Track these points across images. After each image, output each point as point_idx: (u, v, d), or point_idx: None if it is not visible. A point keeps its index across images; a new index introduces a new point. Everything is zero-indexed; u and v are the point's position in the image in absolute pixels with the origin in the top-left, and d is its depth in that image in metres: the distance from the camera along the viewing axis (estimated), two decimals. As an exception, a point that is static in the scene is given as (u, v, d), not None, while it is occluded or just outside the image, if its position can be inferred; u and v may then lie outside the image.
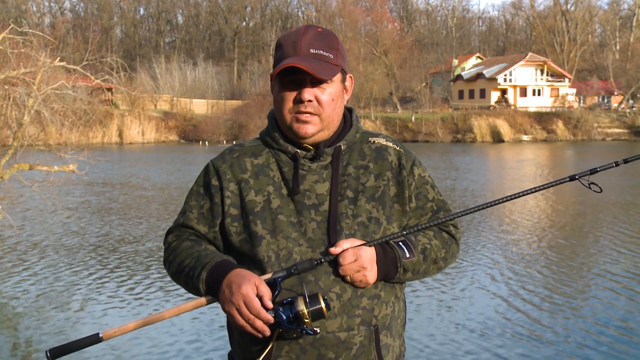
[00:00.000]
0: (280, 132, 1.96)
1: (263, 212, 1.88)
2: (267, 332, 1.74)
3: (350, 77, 2.00)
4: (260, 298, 1.74)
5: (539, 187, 1.90)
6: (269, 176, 1.92)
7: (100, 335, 1.80)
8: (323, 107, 1.88)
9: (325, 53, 1.88)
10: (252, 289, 1.74)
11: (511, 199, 1.89)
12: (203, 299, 1.85)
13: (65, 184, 14.93)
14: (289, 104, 1.89)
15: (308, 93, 1.86)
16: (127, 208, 16.72)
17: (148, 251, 11.36)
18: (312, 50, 1.86)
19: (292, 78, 1.87)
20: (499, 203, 1.89)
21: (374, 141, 2.00)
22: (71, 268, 10.02)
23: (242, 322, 1.75)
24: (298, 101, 1.87)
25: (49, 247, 11.61)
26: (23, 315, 7.80)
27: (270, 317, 1.72)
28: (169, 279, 8.42)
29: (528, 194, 1.89)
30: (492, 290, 8.70)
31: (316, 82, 1.87)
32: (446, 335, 6.91)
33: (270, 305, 1.73)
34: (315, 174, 1.90)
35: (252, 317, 1.73)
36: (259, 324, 1.73)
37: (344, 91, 1.98)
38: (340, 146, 1.94)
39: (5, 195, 12.37)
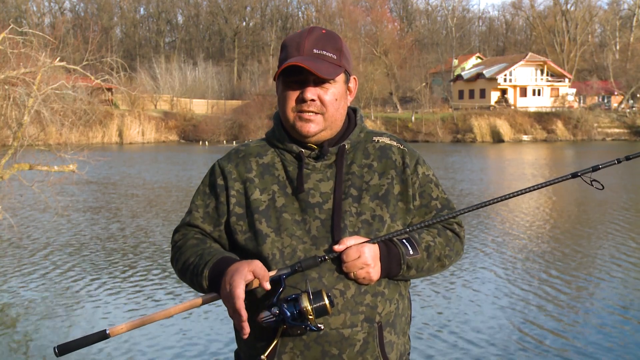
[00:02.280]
0: (285, 132, 1.98)
1: (268, 210, 1.90)
2: (246, 329, 1.74)
3: (354, 78, 2.02)
4: (259, 280, 1.75)
5: (542, 184, 1.92)
6: (274, 175, 1.95)
7: (107, 331, 1.82)
8: (326, 107, 1.90)
9: (328, 54, 1.90)
10: (243, 279, 1.74)
11: (514, 196, 1.90)
12: (208, 296, 1.86)
13: (65, 184, 14.92)
14: (292, 103, 1.91)
15: (311, 92, 1.88)
16: (128, 207, 16.73)
17: (153, 248, 11.39)
18: (315, 51, 1.89)
19: (295, 78, 1.89)
20: (502, 200, 1.91)
21: (378, 140, 2.02)
22: (74, 267, 10.03)
23: (230, 314, 1.77)
24: (301, 100, 1.90)
25: (50, 246, 11.62)
26: (29, 313, 7.82)
27: (244, 313, 1.72)
28: (174, 275, 8.47)
29: (531, 190, 1.90)
30: (493, 289, 8.71)
31: (319, 82, 1.89)
32: (448, 335, 6.92)
33: (267, 287, 1.76)
34: (320, 172, 1.93)
35: (234, 310, 1.74)
36: (237, 318, 1.74)
37: (348, 92, 2.00)
38: (344, 145, 1.95)
39: (5, 195, 12.38)
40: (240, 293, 1.73)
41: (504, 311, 7.77)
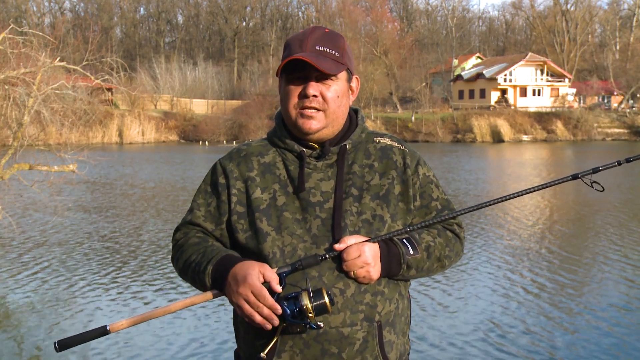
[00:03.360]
0: (286, 131, 1.99)
1: (269, 209, 1.91)
2: (276, 320, 1.76)
3: (356, 78, 2.03)
4: (269, 284, 1.77)
5: (542, 185, 1.92)
6: (275, 174, 1.95)
7: (108, 327, 1.83)
8: (328, 103, 1.91)
9: (330, 51, 1.91)
10: (257, 278, 1.77)
11: (514, 197, 1.91)
12: (209, 293, 1.87)
13: (65, 184, 14.93)
14: (294, 99, 1.92)
15: (313, 88, 1.89)
16: (128, 206, 16.74)
17: (153, 246, 11.40)
18: (318, 48, 1.90)
19: (298, 74, 1.90)
20: (502, 201, 1.91)
21: (379, 141, 2.02)
22: (75, 265, 10.05)
23: (250, 311, 1.77)
24: (303, 96, 1.90)
25: (50, 246, 11.63)
26: (30, 310, 7.84)
27: (277, 305, 1.75)
28: (175, 273, 8.48)
29: (531, 192, 1.90)
30: (493, 290, 8.71)
31: (321, 78, 1.90)
32: (447, 335, 6.93)
33: (279, 289, 1.77)
34: (321, 172, 1.93)
35: (260, 304, 1.75)
36: (266, 311, 1.75)
37: (350, 91, 2.00)
38: (345, 145, 1.96)
39: (5, 195, 12.38)
40: (265, 292, 1.75)
41: (503, 312, 7.77)
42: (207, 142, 52.21)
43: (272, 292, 1.78)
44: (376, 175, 1.95)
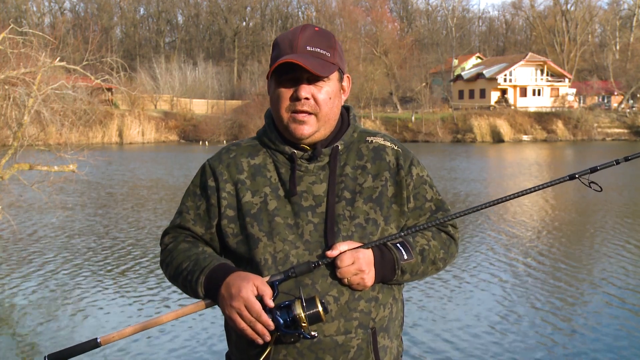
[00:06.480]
0: (277, 132, 1.94)
1: (260, 213, 1.86)
2: (268, 336, 1.72)
3: (347, 77, 1.98)
4: (262, 298, 1.72)
5: (539, 186, 1.89)
6: (266, 177, 1.90)
7: (99, 340, 1.79)
8: (320, 106, 1.86)
9: (322, 51, 1.86)
10: (252, 291, 1.73)
11: (511, 199, 1.87)
12: (202, 303, 1.83)
13: (65, 184, 14.92)
14: (285, 103, 1.86)
15: (305, 91, 1.84)
16: (127, 209, 16.70)
17: (147, 254, 11.30)
18: (308, 48, 1.84)
19: (288, 76, 1.85)
20: (499, 203, 1.87)
21: (371, 140, 1.97)
22: (70, 270, 9.97)
23: (243, 325, 1.73)
24: (295, 99, 1.85)
25: (47, 248, 11.59)
26: (21, 318, 7.75)
27: (270, 321, 1.71)
28: (168, 282, 8.37)
29: (528, 193, 1.87)
30: (490, 291, 8.69)
31: (313, 80, 1.85)
32: (444, 336, 6.90)
33: (271, 304, 1.72)
34: (313, 174, 1.88)
35: (253, 320, 1.72)
36: (259, 327, 1.71)
37: (342, 91, 1.96)
38: (337, 146, 1.91)
39: (5, 195, 12.36)
40: (259, 308, 1.71)
41: (498, 313, 7.74)
42: (207, 142, 52.20)
43: (264, 304, 1.74)
44: (369, 177, 1.90)
